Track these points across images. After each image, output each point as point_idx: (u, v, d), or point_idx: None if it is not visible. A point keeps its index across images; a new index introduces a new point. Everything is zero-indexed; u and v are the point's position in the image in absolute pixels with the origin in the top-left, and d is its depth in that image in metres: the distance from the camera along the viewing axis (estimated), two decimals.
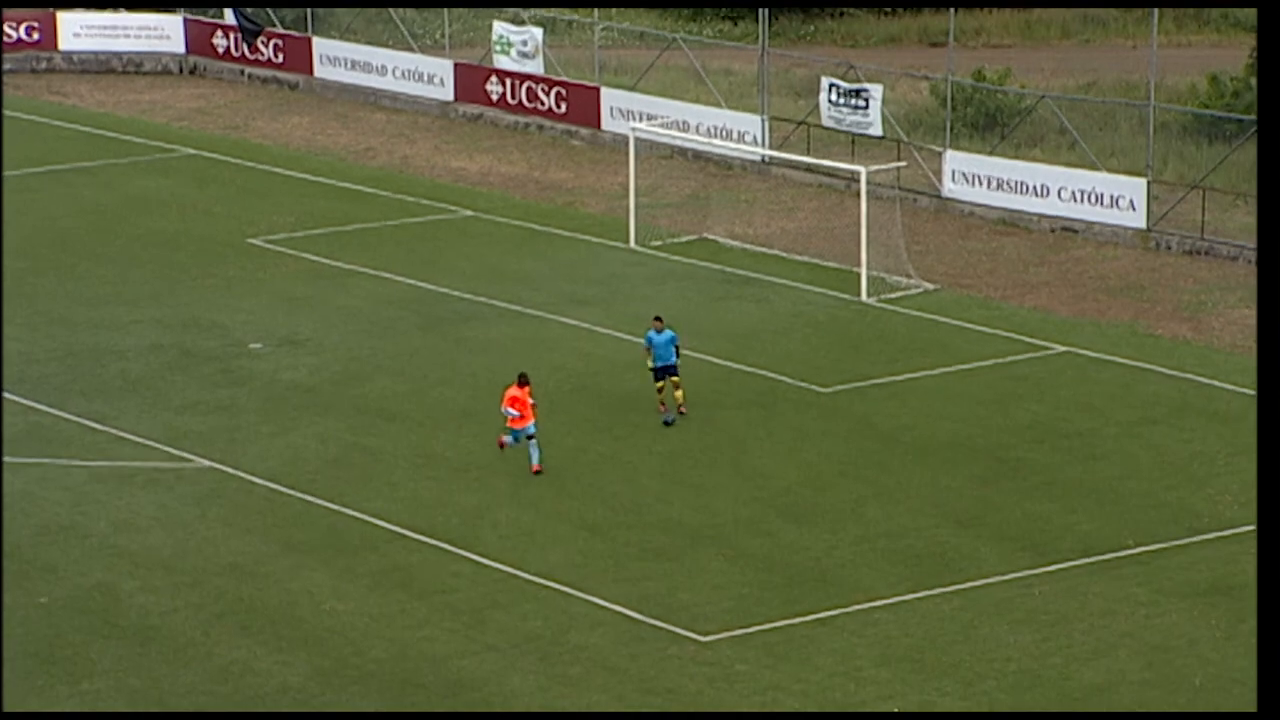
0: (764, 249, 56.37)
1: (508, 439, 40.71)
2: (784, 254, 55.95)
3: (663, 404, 43.76)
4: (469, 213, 60.39)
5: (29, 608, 35.35)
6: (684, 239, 57.24)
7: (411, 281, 53.64)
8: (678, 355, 43.50)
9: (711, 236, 57.52)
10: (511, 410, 40.34)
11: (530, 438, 40.52)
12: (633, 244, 56.59)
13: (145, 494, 40.18)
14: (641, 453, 42.30)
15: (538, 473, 40.42)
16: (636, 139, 58.49)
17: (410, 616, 35.22)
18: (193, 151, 66.94)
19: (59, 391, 45.42)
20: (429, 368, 47.31)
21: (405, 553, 37.73)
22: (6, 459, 41.52)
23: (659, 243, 56.73)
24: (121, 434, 43.13)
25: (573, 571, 36.87)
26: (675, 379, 43.50)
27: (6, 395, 44.51)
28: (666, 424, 43.23)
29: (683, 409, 43.70)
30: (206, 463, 41.70)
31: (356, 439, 43.11)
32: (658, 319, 43.78)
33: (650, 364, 43.65)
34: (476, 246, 57.17)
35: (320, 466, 41.58)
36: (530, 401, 40.49)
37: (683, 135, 62.57)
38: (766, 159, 63.31)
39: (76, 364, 47.32)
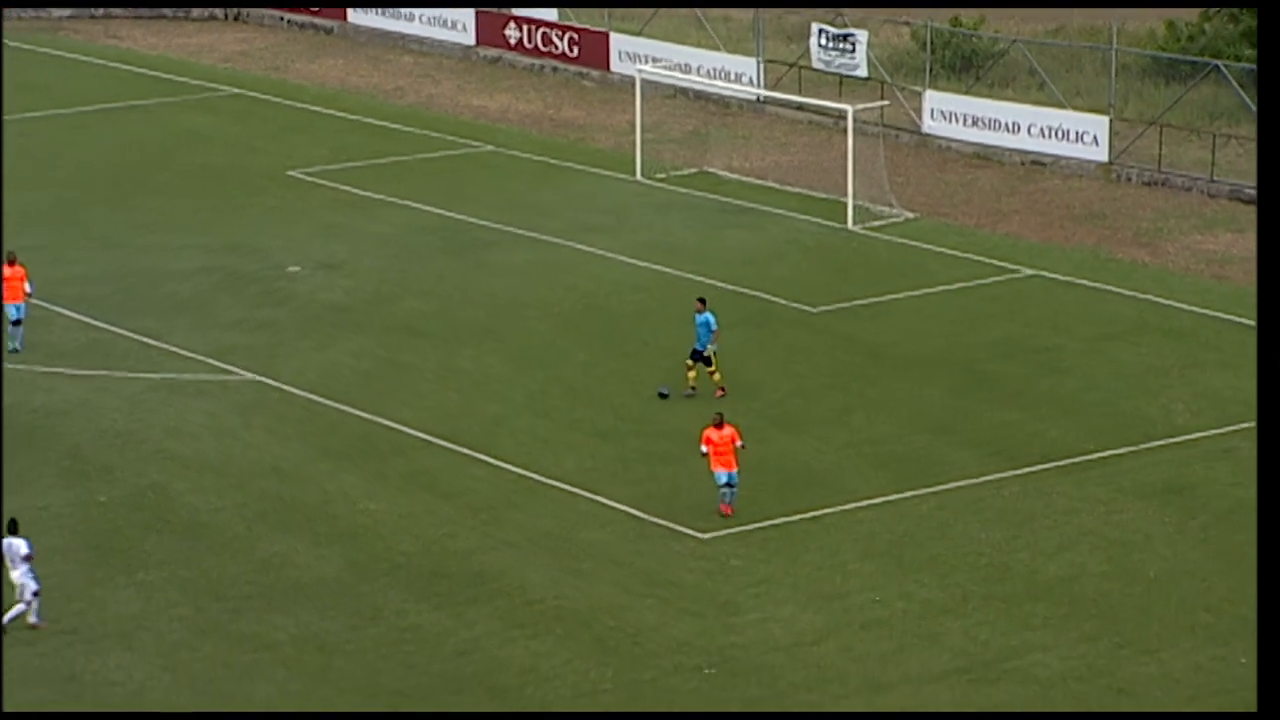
0: (759, 181, 56.22)
1: (727, 499, 34.72)
2: (777, 185, 55.80)
3: (694, 387, 40.02)
4: (490, 148, 60.22)
5: (90, 505, 35.44)
6: (686, 172, 57.09)
7: (437, 210, 53.54)
8: (714, 342, 39.81)
9: (711, 169, 57.37)
10: (705, 447, 34.73)
11: (729, 486, 34.63)
12: (639, 176, 56.45)
13: (195, 403, 40.20)
14: (647, 367, 42.29)
15: (726, 515, 34.76)
16: (642, 80, 58.28)
17: (435, 515, 35.29)
18: (236, 91, 66.74)
19: (116, 310, 45.40)
20: (453, 289, 47.26)
21: (431, 457, 37.77)
22: (71, 371, 41.55)
23: (663, 175, 56.59)
24: (173, 349, 43.13)
25: (583, 475, 36.91)
26: (709, 367, 39.86)
27: (69, 313, 44.46)
28: (662, 395, 39.65)
29: (693, 388, 39.91)
30: (250, 375, 41.71)
31: (387, 354, 43.10)
32: (700, 300, 40.65)
33: (696, 346, 40.03)
34: (496, 178, 57.04)
35: (354, 379, 41.59)
36: (737, 444, 34.60)
37: (685, 76, 62.32)
38: (761, 99, 63.08)
39: (131, 285, 47.28)
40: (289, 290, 47.15)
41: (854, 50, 60.73)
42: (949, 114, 59.36)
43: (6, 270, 41.90)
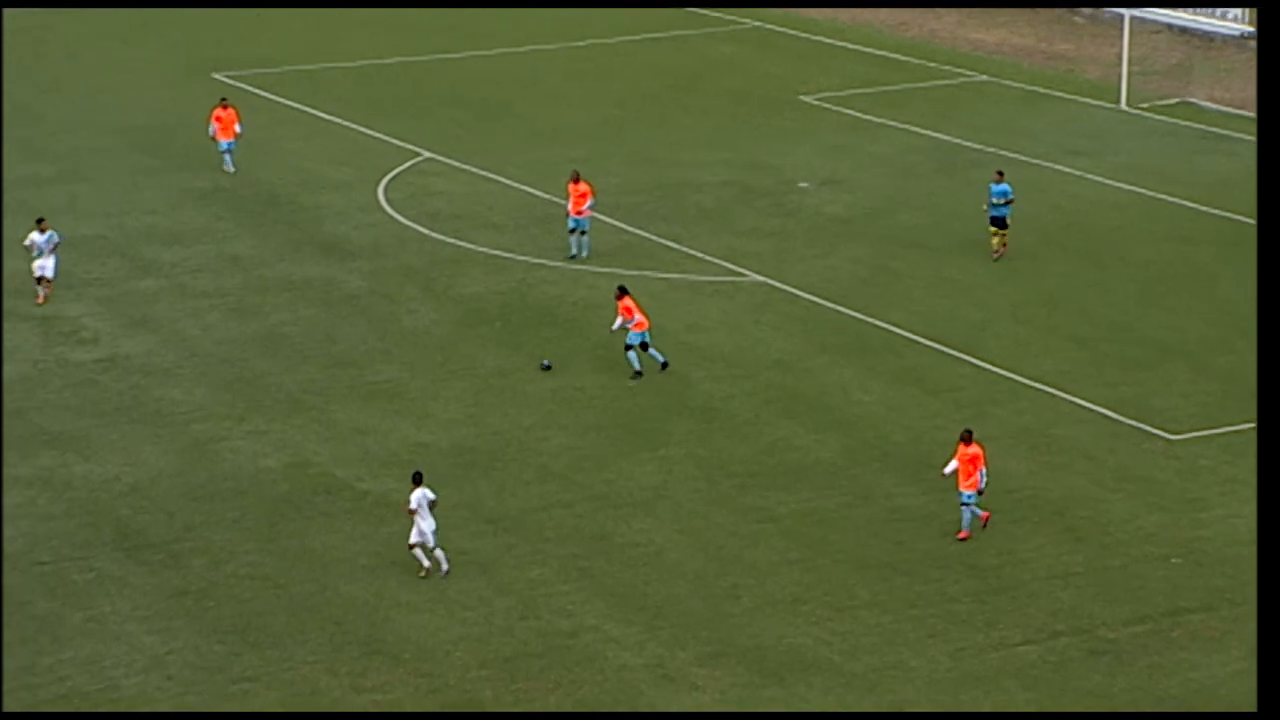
0: (1239, 111, 54.09)
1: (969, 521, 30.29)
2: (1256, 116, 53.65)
3: (998, 246, 42.22)
4: (983, 77, 59.33)
5: (619, 388, 36.14)
6: (1169, 101, 55.30)
7: (931, 133, 53.03)
8: (1008, 208, 41.89)
9: (1193, 100, 55.45)
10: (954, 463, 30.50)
11: (965, 505, 30.25)
12: (1123, 105, 54.92)
13: (711, 301, 40.74)
14: (1122, 279, 41.26)
15: (963, 539, 30.18)
16: (1131, 16, 56.58)
17: (923, 409, 35.10)
18: (756, 24, 67.13)
19: (645, 217, 46.25)
20: (944, 205, 46.78)
21: (919, 356, 37.56)
22: (606, 270, 42.47)
23: (1146, 104, 54.93)
24: (693, 253, 43.74)
25: (1060, 377, 36.24)
26: (1001, 231, 41.96)
27: (607, 219, 45.43)
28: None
29: (995, 255, 42.01)
30: (760, 278, 42.05)
31: (882, 262, 42.95)
32: (999, 172, 42.68)
33: (985, 208, 42.43)
34: (988, 105, 56.18)
35: (852, 284, 41.57)
36: (980, 469, 30.10)
37: (1171, 13, 60.27)
38: (1245, 34, 60.56)
39: (660, 195, 48.08)
40: (797, 203, 47.35)
41: None
42: None
43: (571, 187, 42.96)
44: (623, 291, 36.89)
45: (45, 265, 39.80)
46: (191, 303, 40.49)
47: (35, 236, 39.88)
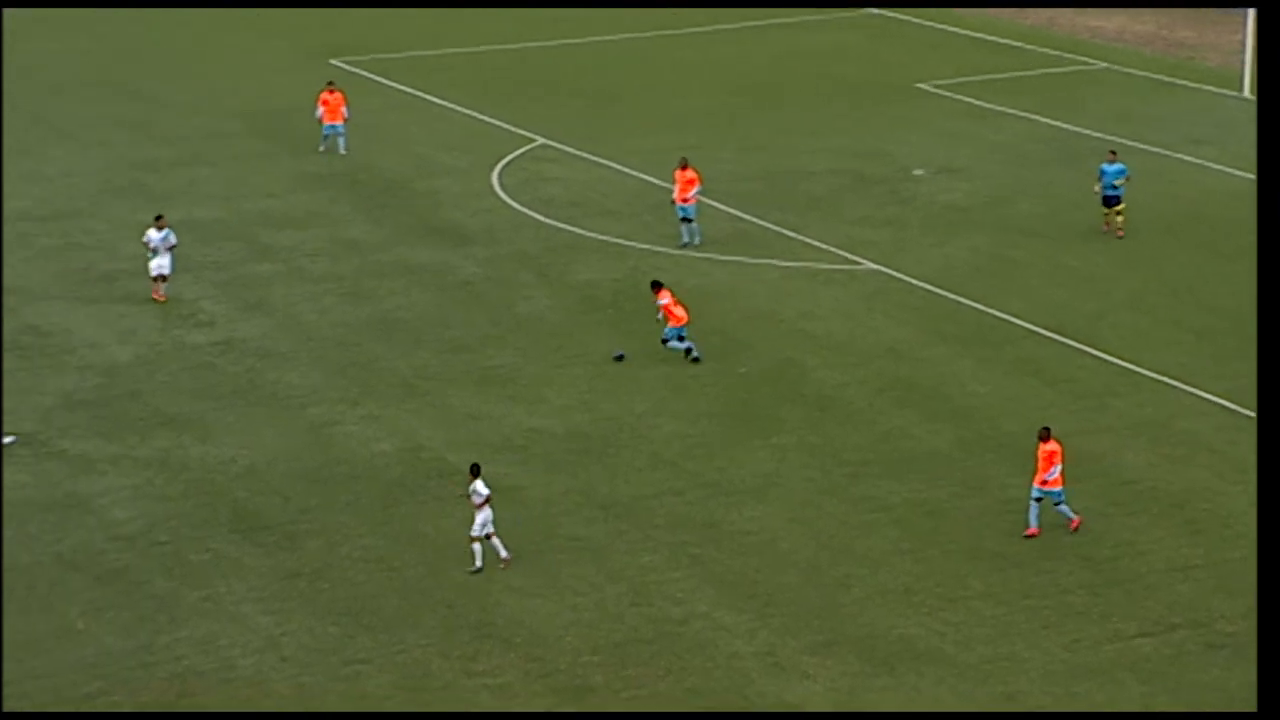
0: None
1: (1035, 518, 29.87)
2: None
3: (1106, 224, 42.90)
4: (1104, 65, 58.73)
5: (732, 376, 36.17)
6: None
7: (1051, 122, 52.55)
8: (1122, 188, 42.54)
9: None
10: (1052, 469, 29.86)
11: (1037, 500, 29.77)
12: (1246, 93, 54.16)
13: (825, 289, 40.60)
14: (1242, 272, 40.69)
15: (1075, 528, 29.78)
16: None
17: (1040, 399, 34.79)
18: (874, 11, 66.76)
19: (759, 204, 46.15)
20: (1064, 194, 46.34)
21: (1037, 346, 37.24)
22: (721, 257, 42.45)
23: None
24: (807, 240, 43.61)
25: (1181, 368, 35.82)
26: (1118, 209, 42.63)
27: (720, 206, 45.39)
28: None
29: (1119, 233, 42.69)
30: (874, 266, 41.86)
31: (1000, 251, 42.62)
32: (1112, 152, 43.51)
33: (1096, 189, 42.99)
34: (1108, 93, 55.60)
35: (969, 273, 41.28)
36: (1054, 466, 29.61)
37: None
38: None
39: (774, 183, 47.96)
40: (913, 191, 47.07)
41: None
42: None
43: (679, 174, 42.89)
44: (657, 285, 36.79)
45: (162, 264, 39.81)
46: (307, 286, 40.84)
47: (152, 234, 40.00)
